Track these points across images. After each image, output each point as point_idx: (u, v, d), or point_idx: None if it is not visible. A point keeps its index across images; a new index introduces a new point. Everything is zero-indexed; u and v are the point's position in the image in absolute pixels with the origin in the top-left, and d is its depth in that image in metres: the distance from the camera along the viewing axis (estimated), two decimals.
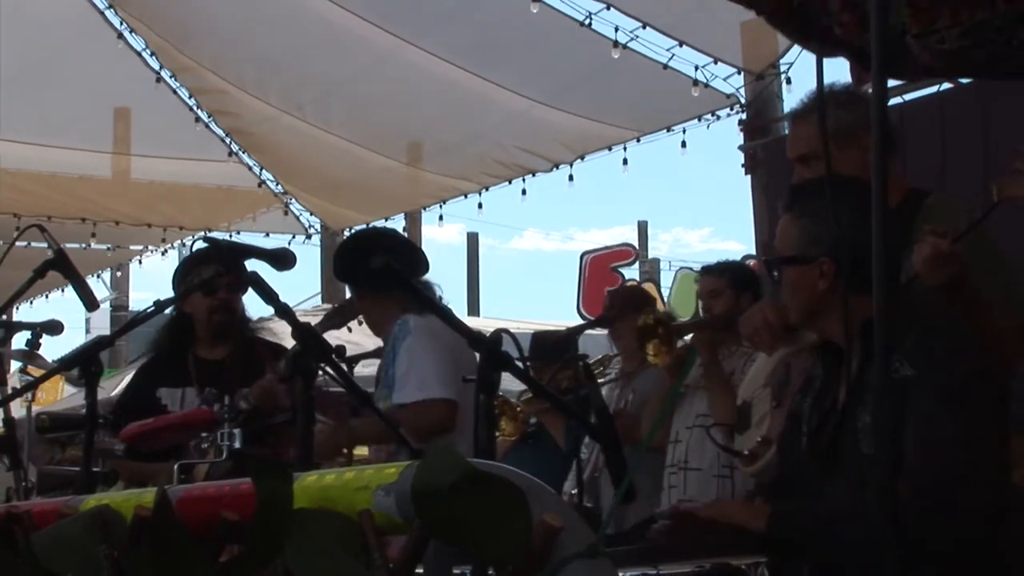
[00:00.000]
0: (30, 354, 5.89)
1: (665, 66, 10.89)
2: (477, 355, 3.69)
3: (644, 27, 10.70)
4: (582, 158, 12.27)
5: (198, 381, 5.60)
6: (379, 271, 5.16)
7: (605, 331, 7.43)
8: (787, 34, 2.66)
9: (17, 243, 5.86)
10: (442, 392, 5.05)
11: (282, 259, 4.61)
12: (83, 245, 14.39)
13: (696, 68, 10.96)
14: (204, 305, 5.67)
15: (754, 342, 4.62)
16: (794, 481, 3.87)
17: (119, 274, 19.22)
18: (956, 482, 3.45)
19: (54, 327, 6.00)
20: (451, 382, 5.08)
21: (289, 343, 4.66)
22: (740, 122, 11.01)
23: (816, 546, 3.69)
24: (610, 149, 12.00)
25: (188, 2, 12.26)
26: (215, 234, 13.60)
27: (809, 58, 10.88)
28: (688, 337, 6.49)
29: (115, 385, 12.40)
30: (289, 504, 1.79)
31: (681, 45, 10.83)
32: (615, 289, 7.87)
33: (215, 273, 5.38)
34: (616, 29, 10.60)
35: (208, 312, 5.68)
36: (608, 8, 10.48)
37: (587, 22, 10.60)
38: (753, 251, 9.93)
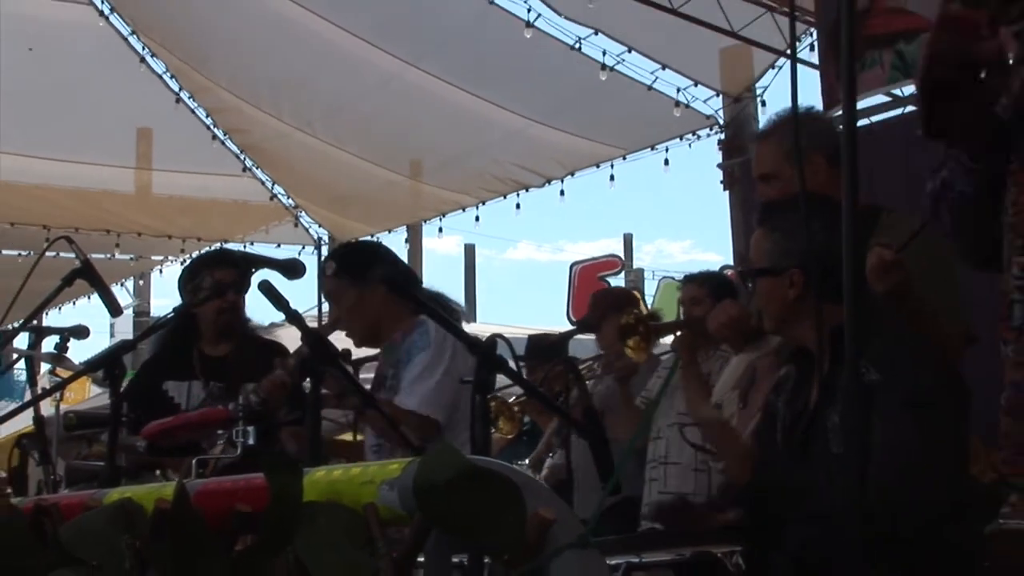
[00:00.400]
0: (59, 357, 5.89)
1: (649, 88, 10.98)
2: None
3: (629, 51, 10.81)
4: (572, 174, 12.35)
5: (203, 375, 5.62)
6: (393, 280, 5.19)
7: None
8: None
9: (47, 254, 5.87)
10: (438, 415, 5.04)
11: (292, 269, 4.64)
12: (108, 255, 14.43)
13: (678, 90, 11.05)
14: (212, 306, 5.65)
15: (720, 335, 4.62)
16: (769, 474, 3.88)
17: (141, 283, 19.23)
18: (921, 479, 3.46)
19: (81, 332, 6.02)
20: (446, 404, 5.08)
21: (292, 344, 4.70)
22: (719, 142, 11.09)
23: (790, 534, 3.70)
24: (598, 166, 12.11)
25: (206, 27, 12.29)
26: (230, 245, 13.59)
27: (782, 83, 10.99)
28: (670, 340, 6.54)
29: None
30: (299, 497, 1.79)
31: (664, 68, 10.93)
32: (599, 291, 7.89)
33: (229, 277, 5.41)
34: (604, 53, 10.78)
35: (216, 313, 5.67)
36: (596, 33, 10.63)
37: (577, 46, 10.73)
38: (731, 262, 9.94)
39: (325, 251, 14.77)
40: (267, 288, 4.43)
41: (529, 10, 10.57)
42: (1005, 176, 2.69)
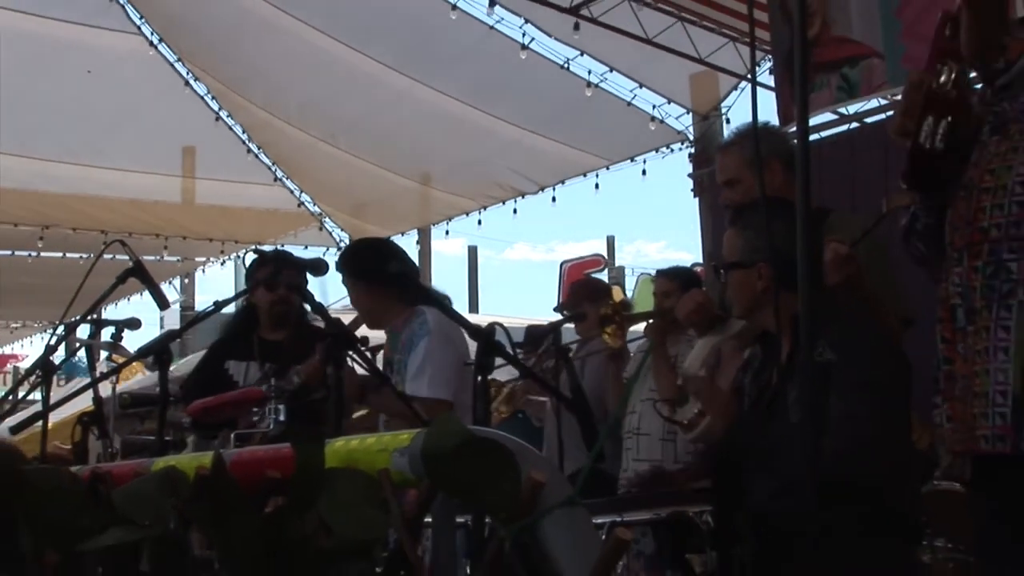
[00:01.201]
0: (114, 345, 5.93)
1: (628, 103, 11.04)
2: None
3: (611, 71, 10.87)
4: (562, 182, 12.42)
5: (260, 357, 5.62)
6: (399, 274, 5.19)
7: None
8: None
9: (104, 255, 5.88)
10: (446, 395, 5.05)
11: (317, 267, 4.68)
12: (157, 257, 14.44)
13: (653, 107, 11.16)
14: (267, 298, 5.70)
15: (688, 321, 4.62)
16: (735, 440, 3.87)
17: (186, 280, 19.21)
18: (870, 446, 3.45)
19: (133, 323, 6.07)
20: (453, 383, 5.09)
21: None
22: (689, 155, 11.13)
23: (755, 495, 3.69)
24: (585, 175, 12.19)
25: (243, 54, 12.29)
26: (264, 247, 13.58)
27: (744, 103, 11.00)
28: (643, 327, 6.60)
29: (183, 370, 12.37)
30: (322, 464, 1.78)
31: (641, 87, 11.01)
32: (576, 281, 7.92)
33: (282, 273, 5.47)
34: (589, 72, 10.93)
35: (270, 304, 5.71)
36: (582, 55, 10.75)
37: (566, 65, 10.82)
38: (700, 259, 9.91)
39: None
40: (296, 285, 4.45)
41: (524, 34, 10.71)
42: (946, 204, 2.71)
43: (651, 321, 6.34)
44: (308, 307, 4.53)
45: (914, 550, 4.19)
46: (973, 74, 2.73)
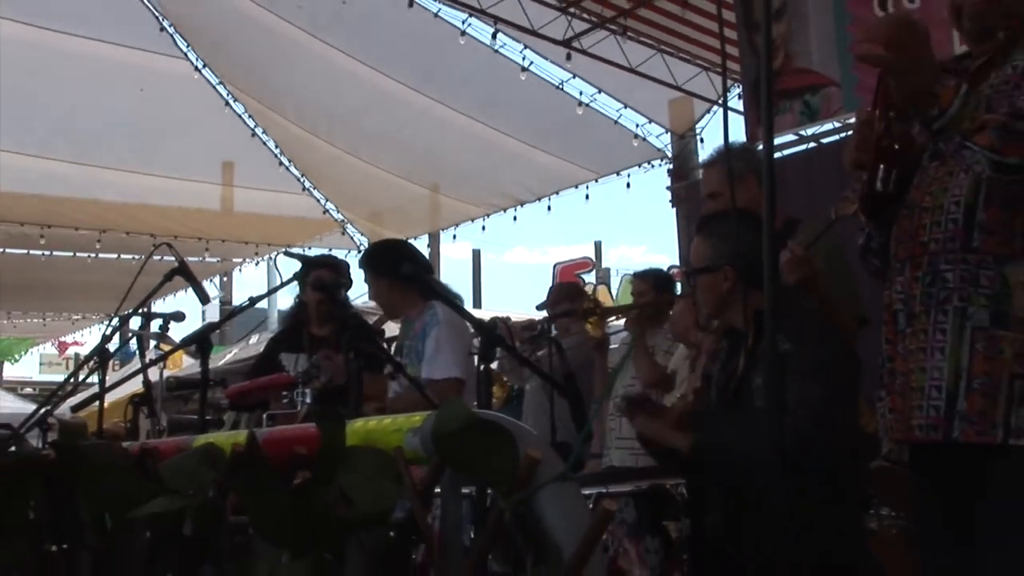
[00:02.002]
0: (162, 335, 5.94)
1: (615, 122, 11.05)
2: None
3: (600, 92, 10.86)
4: (557, 193, 12.46)
5: (308, 350, 5.64)
6: (414, 271, 5.20)
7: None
8: None
9: (153, 256, 5.90)
10: (458, 373, 5.06)
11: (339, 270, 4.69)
12: (199, 258, 14.49)
13: (637, 126, 11.15)
14: (315, 297, 5.71)
15: (682, 340, 4.64)
16: (705, 423, 3.87)
17: (225, 279, 19.24)
18: (824, 426, 3.45)
19: (179, 316, 6.08)
20: (463, 364, 5.10)
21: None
22: (668, 170, 11.11)
23: (723, 470, 3.69)
24: (576, 187, 12.25)
25: (276, 76, 12.33)
26: (294, 249, 13.61)
27: (716, 125, 11.03)
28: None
29: (221, 358, 12.39)
30: (343, 442, 1.77)
31: (626, 107, 11.00)
32: (554, 285, 7.99)
33: (328, 277, 5.50)
34: (580, 92, 11.01)
35: (317, 303, 5.73)
36: (574, 77, 10.85)
37: (560, 86, 10.84)
38: (678, 262, 9.92)
39: None
40: (321, 283, 4.47)
41: (524, 58, 10.78)
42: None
43: (631, 316, 6.41)
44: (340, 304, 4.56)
45: (863, 518, 4.20)
46: None
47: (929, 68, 2.42)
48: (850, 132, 3.87)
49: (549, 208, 12.55)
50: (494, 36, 10.46)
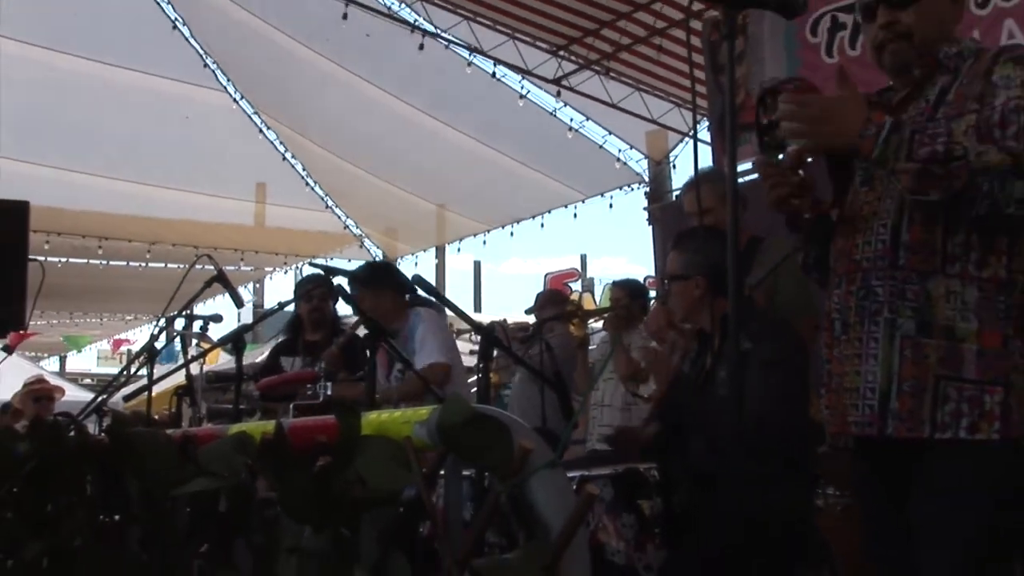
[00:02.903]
0: (202, 335, 5.99)
1: (600, 146, 11.09)
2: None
3: (587, 119, 10.88)
4: (548, 211, 12.48)
5: (303, 354, 5.78)
6: (411, 285, 5.23)
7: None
8: None
9: (195, 266, 5.94)
10: (442, 358, 5.18)
11: (358, 281, 4.72)
12: (235, 267, 14.55)
13: (619, 151, 11.15)
14: (307, 308, 5.90)
15: (658, 338, 4.62)
16: (677, 412, 3.87)
17: (257, 285, 19.23)
18: (779, 414, 3.45)
19: (217, 318, 6.19)
20: (447, 350, 5.25)
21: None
22: (645, 193, 11.11)
23: (690, 452, 3.70)
24: (566, 206, 12.26)
25: (305, 106, 12.34)
26: (317, 260, 13.65)
27: (687, 153, 11.07)
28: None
29: (255, 356, 12.39)
30: (359, 432, 1.77)
31: (610, 134, 11.02)
32: (540, 292, 8.06)
33: (317, 291, 5.83)
34: (571, 119, 11.03)
35: (309, 312, 5.90)
36: (565, 105, 10.87)
37: (553, 112, 10.87)
38: (653, 273, 9.91)
39: None
40: (340, 291, 4.49)
41: (522, 87, 10.83)
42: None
43: (609, 319, 6.45)
44: (351, 308, 4.62)
45: (811, 495, 4.20)
46: None
47: (849, 133, 2.43)
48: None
49: (542, 225, 12.63)
50: (493, 76, 10.52)
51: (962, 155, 2.32)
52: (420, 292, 5.34)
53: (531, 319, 7.18)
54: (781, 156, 2.60)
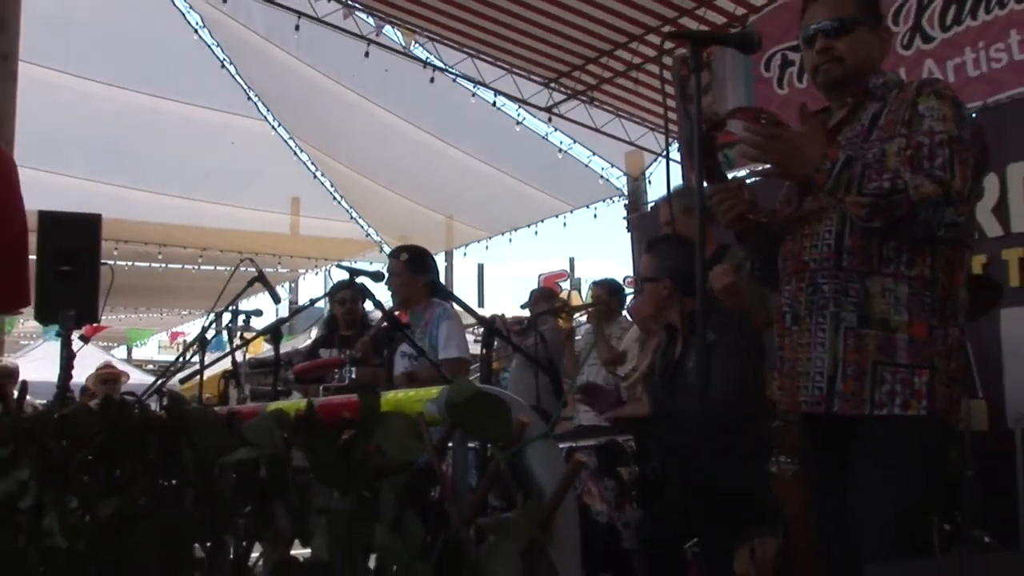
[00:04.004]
0: (245, 327, 5.99)
1: (586, 165, 11.12)
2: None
3: (575, 142, 10.88)
4: (542, 221, 12.41)
5: (338, 346, 5.76)
6: (438, 280, 5.20)
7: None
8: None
9: (239, 268, 5.95)
10: (464, 354, 5.03)
11: (378, 276, 4.67)
12: (273, 269, 14.57)
13: (602, 169, 11.17)
14: (339, 309, 5.95)
15: (639, 324, 4.63)
16: (652, 395, 3.86)
17: (292, 285, 19.28)
18: (740, 395, 3.44)
19: (257, 313, 6.23)
20: (466, 347, 5.07)
21: None
22: (625, 204, 11.08)
23: (666, 428, 3.68)
24: (557, 216, 12.16)
25: (334, 131, 12.31)
26: (343, 263, 13.66)
27: (661, 171, 11.07)
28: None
29: (290, 345, 12.40)
30: (378, 409, 1.76)
31: (594, 155, 11.02)
32: (533, 289, 8.07)
33: (348, 294, 5.84)
34: (560, 142, 11.03)
35: (343, 314, 5.96)
36: (555, 130, 10.87)
37: (545, 136, 10.85)
38: (632, 274, 9.91)
39: None
40: (363, 288, 4.46)
41: (518, 115, 10.72)
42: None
43: (592, 313, 6.47)
44: (372, 304, 4.59)
45: (767, 463, 4.20)
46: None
47: (809, 166, 2.46)
48: (755, 178, 3.88)
49: (536, 232, 12.59)
50: (493, 104, 10.50)
51: (903, 188, 2.34)
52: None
53: (526, 313, 7.16)
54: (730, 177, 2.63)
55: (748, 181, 2.72)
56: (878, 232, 2.43)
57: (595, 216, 11.72)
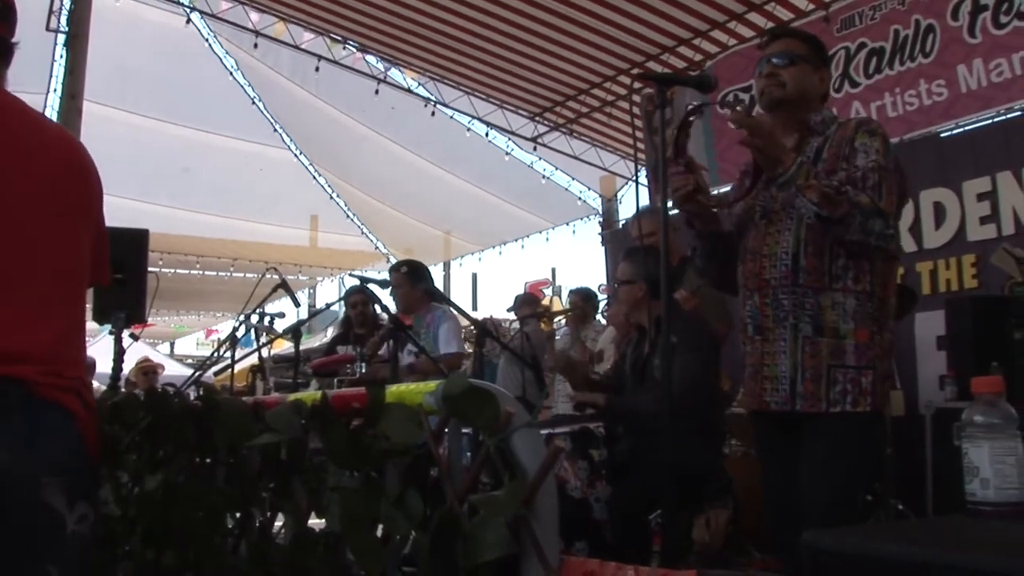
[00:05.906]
0: (269, 327, 5.93)
1: (566, 189, 11.09)
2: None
3: (556, 169, 10.87)
4: (528, 236, 12.37)
5: (352, 343, 5.69)
6: (435, 287, 5.18)
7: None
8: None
9: (265, 276, 5.91)
10: (462, 350, 5.07)
11: (386, 284, 4.67)
12: (295, 277, 14.43)
13: (580, 191, 11.16)
14: (354, 313, 5.84)
15: (615, 325, 4.61)
16: (621, 390, 3.85)
17: (311, 291, 19.19)
18: (698, 389, 3.44)
19: (281, 315, 6.16)
20: (462, 345, 5.10)
21: None
22: (599, 222, 11.08)
23: (632, 417, 3.67)
24: (541, 232, 12.13)
25: (347, 160, 12.25)
26: (355, 272, 13.65)
27: (631, 193, 11.09)
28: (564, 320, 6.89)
29: (309, 343, 12.36)
30: (383, 400, 1.75)
31: (573, 179, 11.00)
32: (520, 295, 8.04)
33: (359, 298, 5.69)
34: (544, 169, 10.98)
35: (356, 316, 5.84)
36: (539, 159, 10.82)
37: (531, 165, 10.87)
38: (606, 281, 9.91)
39: None
40: (373, 296, 4.45)
41: (507, 145, 10.68)
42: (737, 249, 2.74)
43: (569, 317, 6.46)
44: (379, 308, 4.57)
45: (721, 446, 4.19)
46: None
47: (781, 148, 2.48)
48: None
49: (522, 246, 12.55)
50: (486, 135, 10.51)
51: (847, 192, 2.41)
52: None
53: (512, 316, 7.16)
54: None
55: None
56: (823, 222, 2.43)
57: (574, 232, 11.73)
